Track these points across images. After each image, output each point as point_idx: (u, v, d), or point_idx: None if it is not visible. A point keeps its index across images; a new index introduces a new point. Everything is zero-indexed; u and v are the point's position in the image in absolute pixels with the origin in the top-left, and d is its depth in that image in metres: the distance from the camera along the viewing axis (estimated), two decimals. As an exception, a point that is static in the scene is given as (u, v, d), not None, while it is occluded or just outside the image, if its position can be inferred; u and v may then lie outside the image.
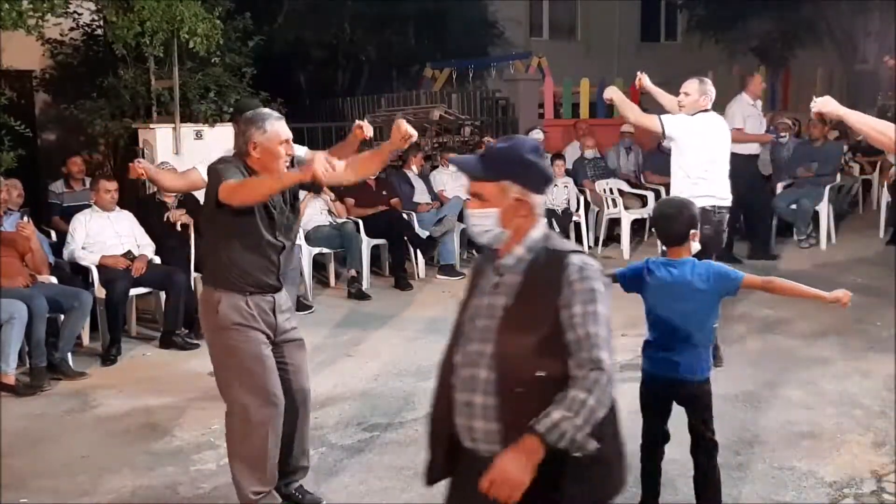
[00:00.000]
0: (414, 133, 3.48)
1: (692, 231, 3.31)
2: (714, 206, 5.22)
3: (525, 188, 2.23)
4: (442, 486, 3.85)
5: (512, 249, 2.26)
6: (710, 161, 5.31)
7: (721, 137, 5.44)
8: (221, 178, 3.25)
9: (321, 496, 3.81)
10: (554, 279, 2.17)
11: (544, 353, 2.14)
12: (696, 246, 3.35)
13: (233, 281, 3.37)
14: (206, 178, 3.53)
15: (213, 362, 3.51)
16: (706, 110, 5.36)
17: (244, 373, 3.37)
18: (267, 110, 3.51)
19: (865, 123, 3.81)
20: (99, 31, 8.77)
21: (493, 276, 2.28)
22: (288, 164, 3.42)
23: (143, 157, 7.43)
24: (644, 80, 5.76)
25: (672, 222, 3.34)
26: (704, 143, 5.32)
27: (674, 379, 3.30)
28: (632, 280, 3.36)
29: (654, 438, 3.39)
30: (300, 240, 7.61)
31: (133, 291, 6.32)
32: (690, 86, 5.40)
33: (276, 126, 3.38)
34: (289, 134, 3.42)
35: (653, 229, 3.38)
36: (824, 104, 3.79)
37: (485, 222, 2.26)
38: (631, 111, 5.38)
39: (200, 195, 7.18)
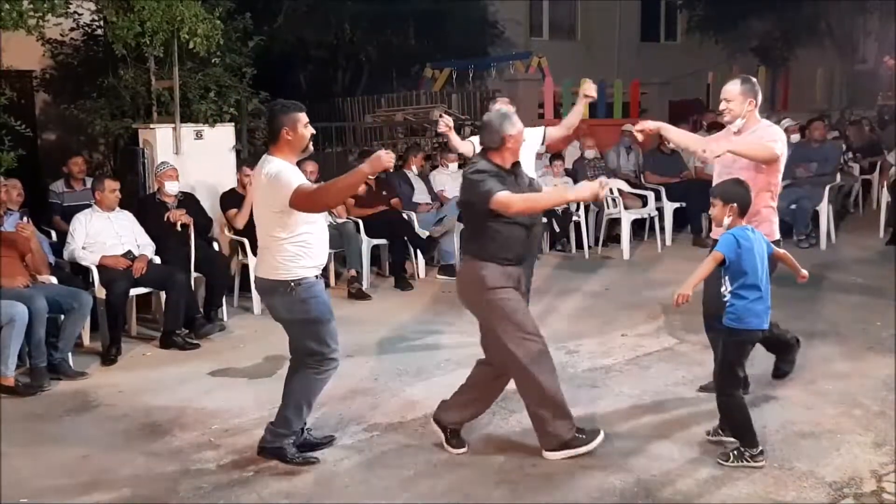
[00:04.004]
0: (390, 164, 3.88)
1: None
2: None
3: None
4: (440, 484, 3.86)
5: None
6: None
7: None
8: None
9: (321, 496, 3.82)
10: None
11: None
12: None
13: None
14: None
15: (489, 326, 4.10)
16: None
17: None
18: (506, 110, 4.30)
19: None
20: (99, 32, 8.78)
21: None
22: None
23: (144, 157, 7.45)
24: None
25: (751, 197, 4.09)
26: None
27: (764, 328, 3.99)
28: (736, 251, 3.91)
29: (741, 383, 4.09)
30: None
31: (133, 291, 6.32)
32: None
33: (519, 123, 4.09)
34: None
35: (734, 204, 4.01)
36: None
37: None
38: None
39: (201, 195, 7.25)
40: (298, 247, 3.93)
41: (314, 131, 4.10)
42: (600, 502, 3.70)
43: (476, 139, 6.09)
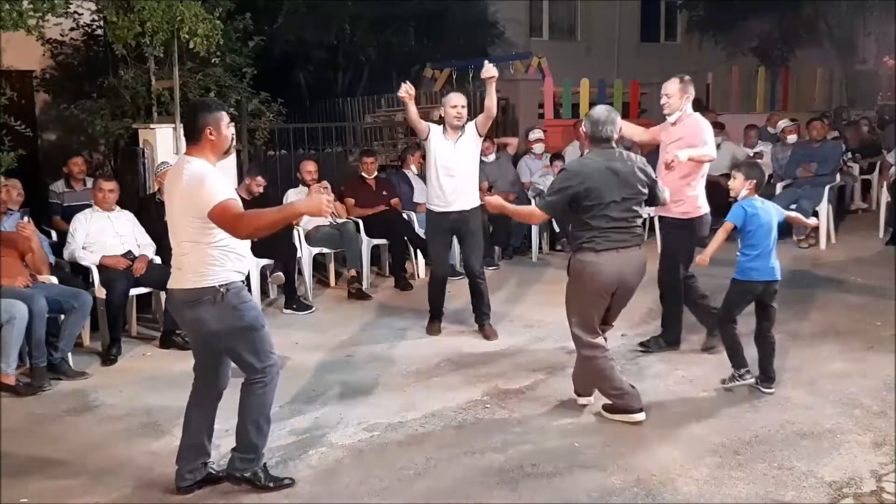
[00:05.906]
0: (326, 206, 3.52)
1: None
2: None
3: None
4: (440, 484, 3.85)
5: None
6: None
7: None
8: None
9: (321, 496, 3.82)
10: None
11: None
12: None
13: None
14: None
15: None
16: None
17: None
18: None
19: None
20: (99, 32, 8.77)
21: None
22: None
23: (144, 157, 7.45)
24: None
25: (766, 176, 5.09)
26: None
27: (773, 280, 4.80)
28: (743, 218, 4.80)
29: (734, 320, 4.91)
30: (300, 239, 7.63)
31: (133, 291, 6.33)
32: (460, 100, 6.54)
33: None
34: None
35: (754, 180, 4.90)
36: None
37: None
38: None
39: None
40: (221, 250, 3.64)
41: (234, 132, 3.78)
42: (600, 502, 3.70)
43: (433, 125, 6.39)
